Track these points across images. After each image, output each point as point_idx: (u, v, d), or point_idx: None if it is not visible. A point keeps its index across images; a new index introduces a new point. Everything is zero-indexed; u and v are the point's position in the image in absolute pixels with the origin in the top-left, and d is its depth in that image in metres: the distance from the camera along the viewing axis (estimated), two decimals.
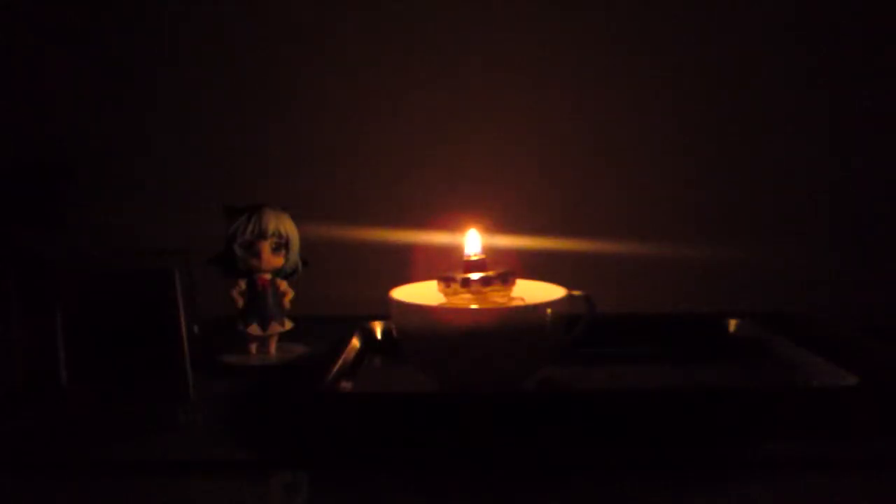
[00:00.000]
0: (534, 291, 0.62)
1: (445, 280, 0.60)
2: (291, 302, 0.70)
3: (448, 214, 0.74)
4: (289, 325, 0.69)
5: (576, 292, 0.60)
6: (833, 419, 0.51)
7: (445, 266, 0.62)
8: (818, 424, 0.50)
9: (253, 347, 0.69)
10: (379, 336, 0.70)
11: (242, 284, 0.69)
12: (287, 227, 0.69)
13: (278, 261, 0.69)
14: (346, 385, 0.59)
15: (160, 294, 0.55)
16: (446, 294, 0.61)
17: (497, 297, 0.60)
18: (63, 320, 0.52)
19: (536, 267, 0.65)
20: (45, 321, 0.52)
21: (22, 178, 0.78)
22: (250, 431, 0.53)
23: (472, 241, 0.62)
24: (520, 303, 0.61)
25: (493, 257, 0.62)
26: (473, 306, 0.59)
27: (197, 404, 0.54)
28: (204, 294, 0.62)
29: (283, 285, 0.70)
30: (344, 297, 0.80)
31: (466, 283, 0.59)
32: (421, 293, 0.62)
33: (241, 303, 0.69)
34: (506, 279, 0.60)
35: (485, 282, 0.59)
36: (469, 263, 0.61)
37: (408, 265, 0.73)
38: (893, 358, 0.58)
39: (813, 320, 0.69)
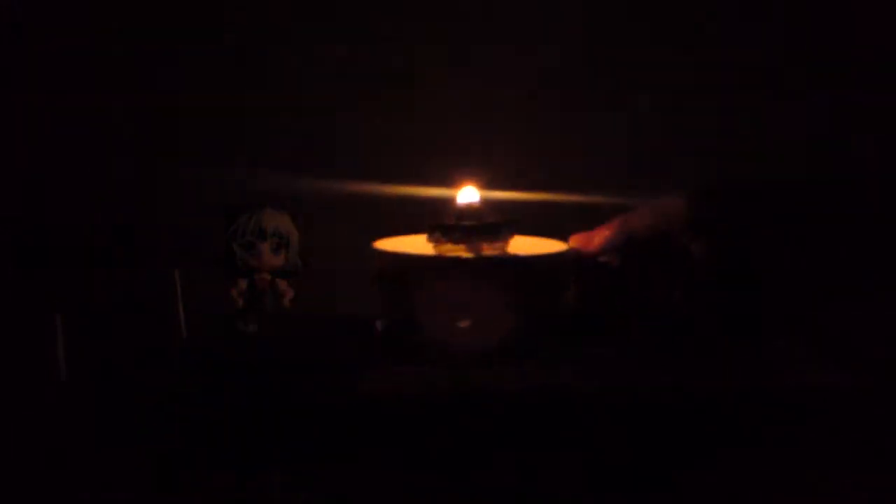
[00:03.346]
0: (535, 246, 0.58)
1: (432, 230, 0.56)
2: (291, 302, 0.70)
3: (443, 166, 0.67)
4: (289, 325, 0.69)
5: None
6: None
7: (440, 218, 0.57)
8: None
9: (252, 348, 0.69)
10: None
11: (242, 284, 0.69)
12: (287, 226, 0.69)
13: (278, 261, 0.69)
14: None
15: (160, 293, 0.55)
16: (434, 246, 0.56)
17: (487, 250, 0.55)
18: (63, 319, 0.53)
19: (548, 222, 0.61)
20: (44, 321, 0.52)
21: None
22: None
23: (468, 194, 0.58)
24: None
25: (494, 209, 0.57)
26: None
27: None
28: (203, 294, 0.62)
29: (283, 285, 0.70)
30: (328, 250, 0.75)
31: (449, 231, 0.54)
32: (409, 245, 0.58)
33: (240, 303, 0.69)
34: (498, 231, 0.55)
35: (472, 232, 0.54)
36: (462, 212, 0.56)
37: (399, 218, 0.67)
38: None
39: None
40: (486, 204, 0.57)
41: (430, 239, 0.56)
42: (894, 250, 0.56)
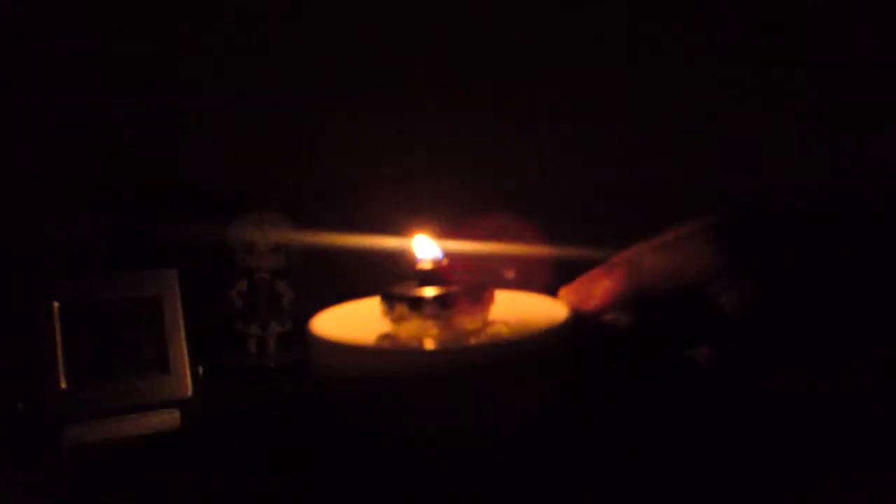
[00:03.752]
0: (522, 308, 0.45)
1: (390, 299, 0.41)
2: (291, 302, 0.70)
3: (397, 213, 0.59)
4: (288, 326, 0.69)
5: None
6: None
7: (394, 277, 0.44)
8: None
9: (252, 348, 0.69)
10: None
11: (242, 285, 0.69)
12: (287, 227, 0.69)
13: (278, 261, 0.69)
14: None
15: (160, 294, 0.55)
16: (393, 320, 0.41)
17: (466, 323, 0.41)
18: (61, 320, 0.52)
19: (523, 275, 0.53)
20: (43, 321, 0.52)
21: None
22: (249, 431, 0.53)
23: (427, 246, 0.44)
24: (502, 329, 0.42)
25: (459, 262, 0.44)
26: (429, 340, 0.41)
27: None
28: (203, 294, 0.62)
29: (283, 286, 0.70)
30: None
31: (418, 304, 0.40)
32: (356, 319, 0.44)
33: (240, 303, 0.69)
34: (478, 295, 0.41)
35: (446, 301, 0.40)
36: (424, 274, 0.42)
37: (345, 277, 0.59)
38: None
39: None
40: (448, 256, 0.44)
41: (389, 314, 0.41)
42: None
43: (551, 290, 0.45)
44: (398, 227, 0.48)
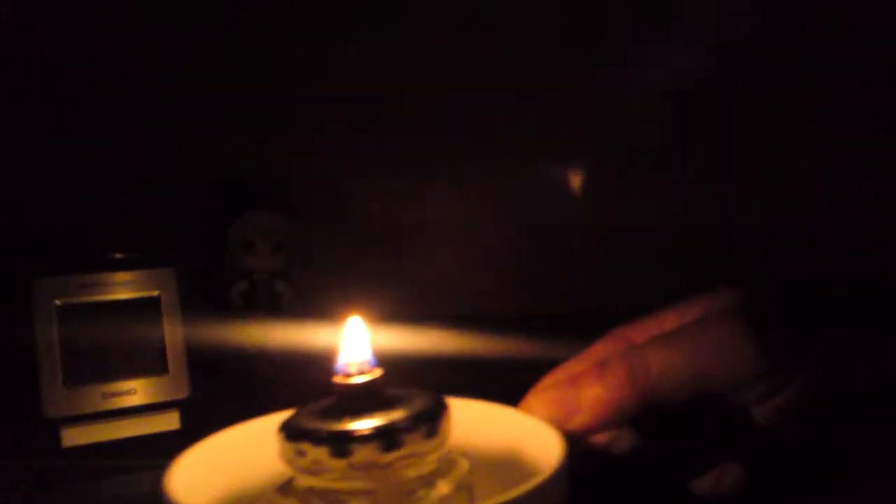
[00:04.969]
0: (484, 427, 0.30)
1: (297, 438, 0.26)
2: (290, 302, 0.70)
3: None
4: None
5: None
6: None
7: (304, 396, 0.29)
8: None
9: (251, 348, 0.69)
10: None
11: (242, 285, 0.69)
12: (286, 227, 0.69)
13: (277, 261, 0.69)
14: None
15: (159, 293, 0.55)
16: (300, 470, 0.26)
17: (409, 472, 0.26)
18: (61, 320, 0.52)
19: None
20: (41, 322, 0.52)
21: None
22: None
23: (355, 342, 0.28)
24: (461, 474, 0.27)
25: (395, 367, 0.29)
26: None
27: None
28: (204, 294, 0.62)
29: (283, 286, 0.70)
30: None
31: (343, 446, 0.25)
32: (244, 466, 0.30)
33: (240, 303, 0.69)
34: (433, 426, 0.26)
35: (390, 439, 0.25)
36: (347, 391, 0.27)
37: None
38: None
39: None
40: (380, 362, 0.28)
41: (297, 460, 0.26)
42: None
43: (510, 396, 0.31)
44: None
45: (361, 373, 0.27)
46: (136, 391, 0.53)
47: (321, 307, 0.55)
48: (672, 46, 0.81)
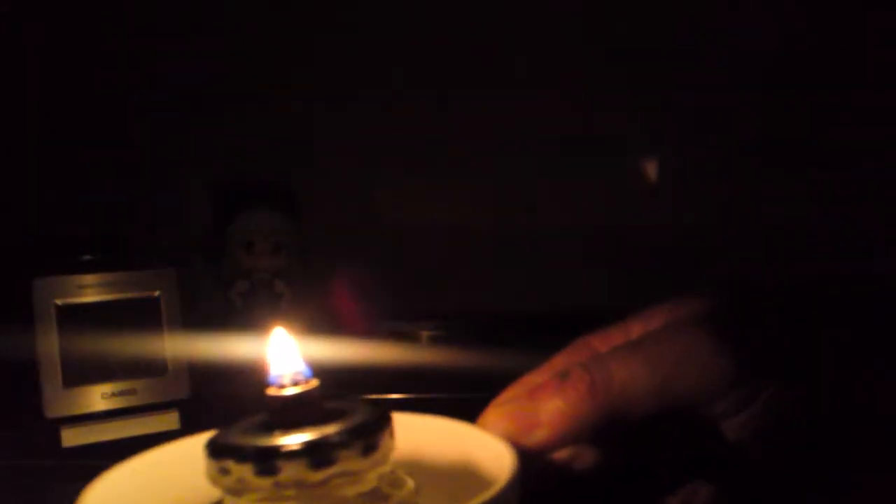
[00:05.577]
0: (431, 443, 0.28)
1: (221, 455, 0.24)
2: (290, 302, 0.70)
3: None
4: None
5: None
6: None
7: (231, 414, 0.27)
8: None
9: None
10: None
11: (242, 285, 0.69)
12: (286, 227, 0.69)
13: (277, 261, 0.69)
14: None
15: (159, 294, 0.55)
16: (227, 490, 0.24)
17: (346, 489, 0.24)
18: (61, 320, 0.52)
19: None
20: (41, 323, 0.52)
21: None
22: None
23: (284, 352, 0.26)
24: (407, 494, 0.25)
25: (332, 377, 0.27)
26: None
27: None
28: (203, 294, 0.62)
29: (282, 286, 0.70)
30: None
31: (269, 463, 0.23)
32: (168, 479, 0.28)
33: (240, 303, 0.69)
34: (371, 442, 0.24)
35: (322, 455, 0.23)
36: (280, 403, 0.25)
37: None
38: None
39: None
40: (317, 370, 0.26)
41: (222, 478, 0.24)
42: None
43: (464, 412, 0.29)
44: None
45: (296, 384, 0.25)
46: (136, 391, 0.53)
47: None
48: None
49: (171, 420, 0.53)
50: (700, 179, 0.82)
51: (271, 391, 0.25)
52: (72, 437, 0.51)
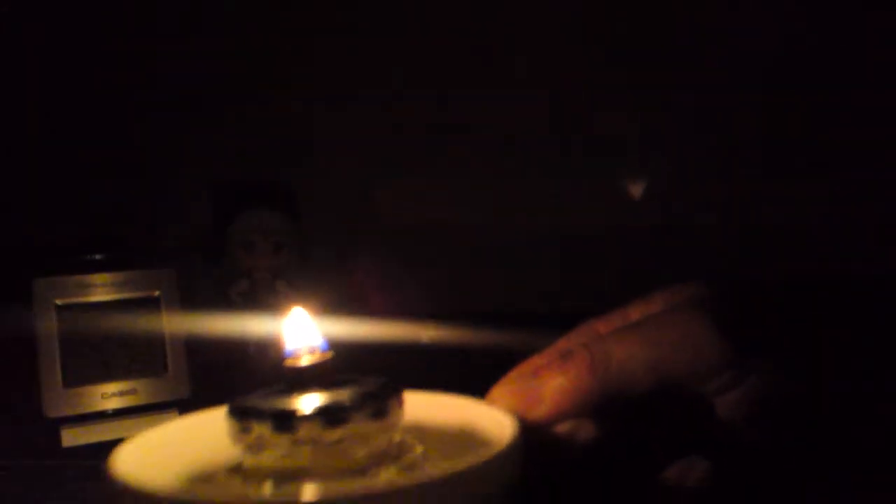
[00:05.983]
0: (443, 417, 0.30)
1: (243, 415, 0.26)
2: (290, 302, 0.70)
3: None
4: None
5: None
6: None
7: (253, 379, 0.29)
8: None
9: (252, 348, 0.69)
10: None
11: (242, 285, 0.69)
12: (286, 227, 0.69)
13: (277, 261, 0.69)
14: None
15: (159, 293, 0.55)
16: (248, 447, 0.27)
17: (357, 450, 0.26)
18: (61, 320, 0.52)
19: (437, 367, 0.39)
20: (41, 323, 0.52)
21: None
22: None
23: (301, 328, 0.30)
24: (415, 457, 0.27)
25: (348, 353, 0.30)
26: (308, 484, 0.26)
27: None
28: (204, 294, 0.62)
29: (283, 286, 0.70)
30: None
31: (287, 422, 0.26)
32: (194, 443, 0.30)
33: (240, 303, 0.69)
34: (381, 407, 0.26)
35: (333, 416, 0.26)
36: (297, 374, 0.27)
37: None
38: None
39: None
40: (332, 346, 0.29)
41: (243, 437, 0.27)
42: None
43: (475, 389, 0.30)
44: None
45: (310, 356, 0.28)
46: (136, 391, 0.53)
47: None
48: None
49: (171, 420, 0.53)
50: (700, 179, 0.82)
51: (290, 362, 0.28)
52: (72, 437, 0.51)
